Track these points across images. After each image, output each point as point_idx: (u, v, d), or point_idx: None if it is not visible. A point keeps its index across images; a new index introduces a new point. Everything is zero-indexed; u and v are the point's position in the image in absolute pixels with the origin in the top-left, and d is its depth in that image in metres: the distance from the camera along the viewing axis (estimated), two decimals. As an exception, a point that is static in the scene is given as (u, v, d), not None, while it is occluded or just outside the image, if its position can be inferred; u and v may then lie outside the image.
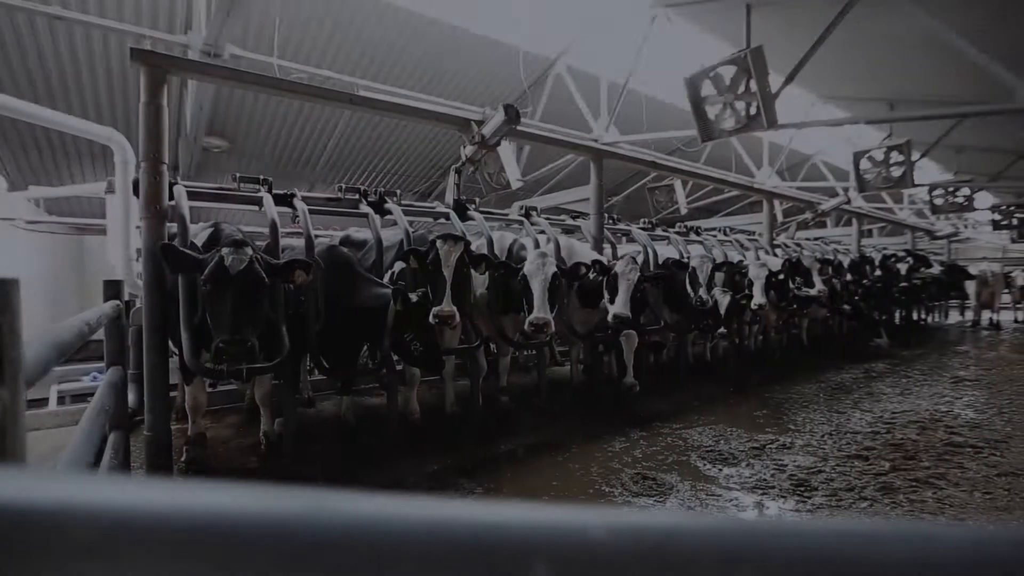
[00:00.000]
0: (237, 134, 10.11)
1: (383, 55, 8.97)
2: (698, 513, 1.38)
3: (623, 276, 4.94)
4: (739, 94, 7.25)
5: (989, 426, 5.09)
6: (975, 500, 3.56)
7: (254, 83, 3.64)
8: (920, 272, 10.40)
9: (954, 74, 8.83)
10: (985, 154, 13.61)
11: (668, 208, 13.56)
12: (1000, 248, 20.64)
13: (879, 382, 6.96)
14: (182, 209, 3.40)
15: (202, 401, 3.70)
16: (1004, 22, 6.74)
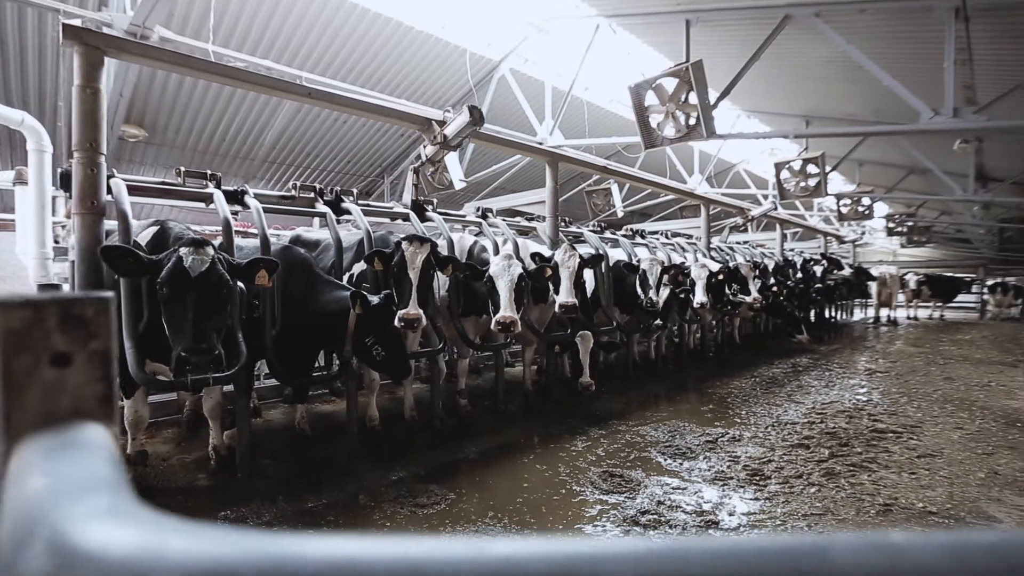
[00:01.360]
0: (157, 123, 9.31)
1: (324, 47, 8.60)
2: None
3: (563, 265, 5.04)
4: (680, 105, 7.60)
5: (903, 413, 5.66)
6: (904, 480, 3.94)
7: (206, 71, 3.35)
8: (833, 274, 11.40)
9: (866, 96, 9.77)
10: (883, 168, 15.18)
11: (605, 211, 13.99)
12: (891, 252, 23.05)
13: (806, 376, 7.55)
14: (123, 205, 3.07)
15: (144, 415, 3.36)
16: (915, 53, 7.53)
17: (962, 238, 22.23)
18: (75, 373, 0.52)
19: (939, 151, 11.30)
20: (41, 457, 0.43)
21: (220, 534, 0.33)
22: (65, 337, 0.52)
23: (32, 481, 0.36)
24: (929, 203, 17.66)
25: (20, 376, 0.50)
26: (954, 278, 17.81)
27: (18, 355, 0.50)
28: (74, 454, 0.43)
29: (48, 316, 0.51)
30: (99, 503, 0.35)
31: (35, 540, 0.30)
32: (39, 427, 0.50)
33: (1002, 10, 6.28)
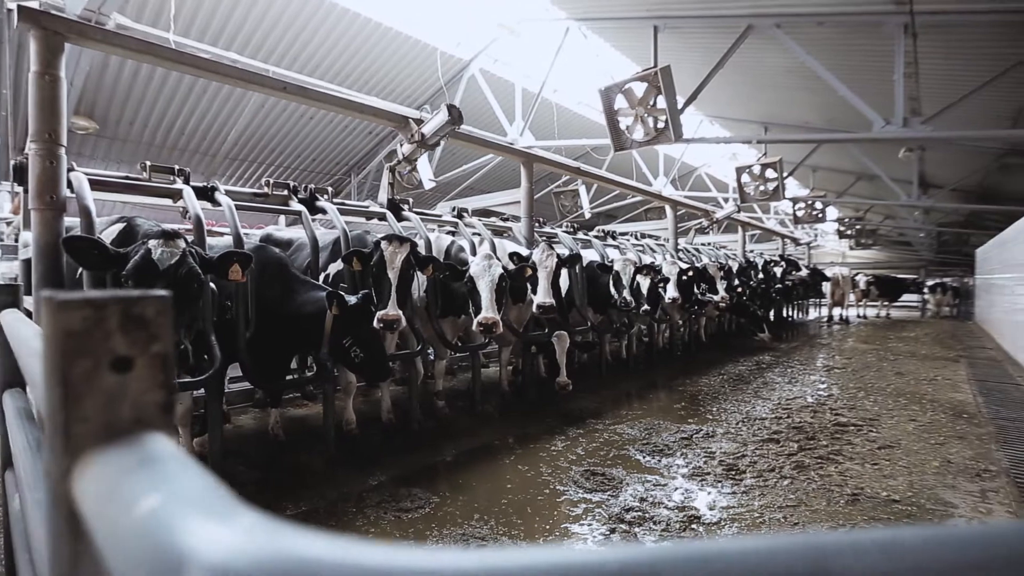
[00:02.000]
0: (109, 116, 8.85)
1: (290, 41, 8.36)
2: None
3: (541, 264, 5.07)
4: (649, 108, 7.74)
5: (862, 407, 5.94)
6: (867, 471, 4.13)
7: (175, 61, 3.18)
8: (792, 275, 11.86)
9: (821, 104, 10.21)
10: (834, 174, 15.91)
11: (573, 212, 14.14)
12: (841, 254, 24.20)
13: (769, 372, 7.82)
14: (85, 200, 2.88)
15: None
16: (868, 65, 7.91)
17: (904, 241, 23.57)
18: (136, 379, 0.48)
19: (886, 159, 11.94)
20: (125, 474, 0.39)
21: (366, 547, 0.31)
22: (126, 339, 0.47)
23: (144, 502, 0.32)
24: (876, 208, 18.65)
25: (79, 383, 0.46)
26: (900, 279, 18.85)
27: (77, 359, 0.46)
28: (163, 469, 0.39)
29: (109, 316, 0.47)
30: (232, 519, 0.31)
31: (186, 565, 0.26)
32: (102, 440, 0.46)
33: (946, 28, 6.68)
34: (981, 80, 6.74)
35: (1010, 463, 4.37)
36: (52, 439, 0.46)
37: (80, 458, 0.45)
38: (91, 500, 0.39)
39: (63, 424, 0.45)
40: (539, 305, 5.19)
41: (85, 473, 0.43)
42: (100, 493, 0.38)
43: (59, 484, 0.45)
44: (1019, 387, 7.13)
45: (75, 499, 0.44)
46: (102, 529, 0.34)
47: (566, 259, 5.51)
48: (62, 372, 0.45)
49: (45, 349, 0.46)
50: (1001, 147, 10.60)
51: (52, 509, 0.46)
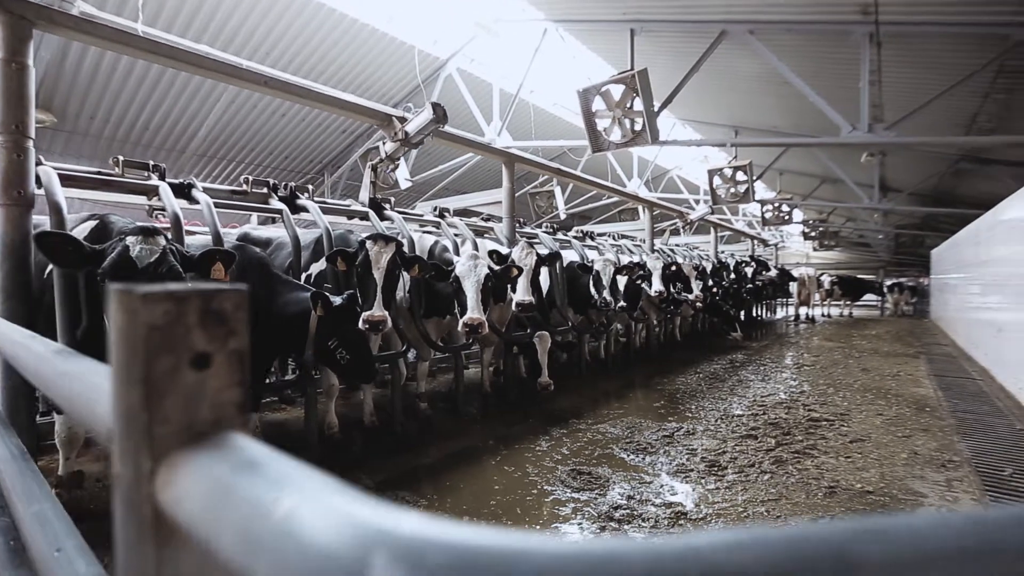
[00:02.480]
0: (68, 108, 8.45)
1: (263, 35, 8.15)
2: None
3: (520, 263, 5.08)
4: (626, 111, 7.85)
5: (832, 402, 6.15)
6: (842, 464, 4.27)
7: (151, 52, 3.05)
8: (762, 275, 12.20)
9: (788, 109, 10.54)
10: (800, 177, 16.45)
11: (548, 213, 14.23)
12: (805, 255, 25.02)
13: (743, 370, 8.02)
14: (55, 196, 2.74)
15: (80, 433, 3.00)
16: (835, 72, 8.20)
17: (864, 243, 24.54)
18: (214, 376, 0.46)
19: (849, 163, 12.39)
20: (235, 477, 0.37)
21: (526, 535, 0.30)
22: (205, 335, 0.45)
23: (281, 505, 0.30)
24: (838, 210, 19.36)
25: (161, 381, 0.43)
26: (862, 279, 19.61)
27: (159, 356, 0.43)
28: (275, 470, 0.37)
29: (189, 311, 0.44)
30: (385, 512, 0.30)
31: (373, 558, 0.25)
32: (185, 442, 0.43)
33: (908, 39, 6.98)
34: (940, 89, 7.06)
35: (971, 453, 4.59)
36: (129, 441, 0.43)
37: (165, 461, 0.42)
38: (194, 505, 0.37)
39: (145, 425, 0.42)
40: (518, 303, 5.19)
41: (177, 477, 0.40)
42: (207, 498, 0.36)
43: (141, 488, 0.42)
44: (974, 381, 7.50)
45: (162, 503, 0.41)
46: (225, 534, 0.32)
47: (546, 258, 5.53)
48: (144, 370, 0.42)
49: (121, 345, 0.44)
50: (956, 153, 11.15)
51: (129, 515, 0.43)
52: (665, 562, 0.24)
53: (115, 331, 0.45)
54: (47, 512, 1.07)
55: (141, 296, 0.42)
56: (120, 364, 0.44)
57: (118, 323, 0.44)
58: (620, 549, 0.25)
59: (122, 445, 0.44)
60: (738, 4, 7.28)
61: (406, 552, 0.25)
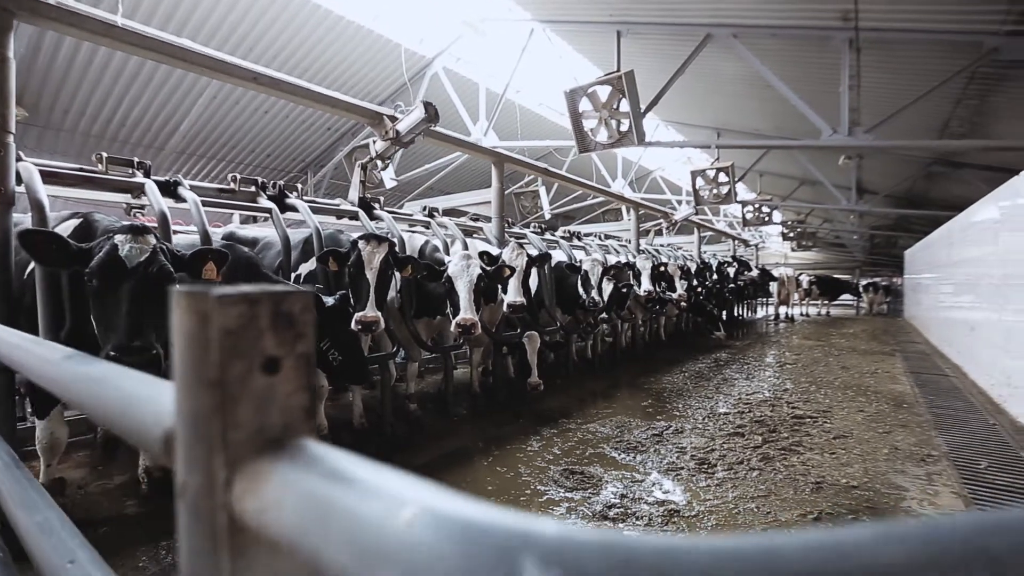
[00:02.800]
0: (40, 103, 8.20)
1: (247, 30, 8.01)
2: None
3: (511, 262, 5.08)
4: (613, 112, 7.90)
5: (814, 400, 6.28)
6: (827, 460, 4.37)
7: (138, 46, 2.96)
8: (743, 275, 12.40)
9: (769, 112, 10.73)
10: (779, 179, 16.77)
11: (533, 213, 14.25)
12: (783, 255, 25.50)
13: (727, 369, 8.14)
14: (37, 193, 2.65)
15: (62, 438, 2.91)
16: (816, 76, 8.37)
17: (840, 243, 25.12)
18: (283, 380, 0.45)
19: (828, 165, 12.67)
20: (328, 487, 0.36)
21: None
22: (276, 338, 0.44)
23: (401, 514, 0.30)
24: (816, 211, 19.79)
25: (235, 386, 0.42)
26: (839, 279, 20.07)
27: (233, 360, 0.42)
28: (368, 479, 0.36)
29: (261, 313, 0.43)
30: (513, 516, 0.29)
31: (521, 563, 0.24)
32: (258, 449, 0.42)
33: (887, 45, 7.17)
34: (916, 94, 7.26)
35: (949, 448, 4.73)
36: (198, 449, 0.42)
37: (242, 469, 0.41)
38: (288, 516, 0.35)
39: (218, 432, 0.41)
40: (510, 304, 5.19)
41: (261, 486, 0.39)
42: (305, 509, 0.35)
43: (215, 497, 0.41)
44: (948, 378, 7.73)
45: (241, 513, 0.40)
46: (335, 547, 0.31)
47: (536, 258, 5.54)
48: (218, 375, 0.41)
49: (189, 350, 0.42)
50: (929, 157, 11.48)
51: (199, 524, 0.42)
52: (817, 556, 0.24)
53: (182, 335, 0.43)
54: (52, 522, 1.04)
55: (217, 299, 0.41)
56: (189, 369, 0.43)
57: (186, 327, 0.43)
58: (775, 545, 0.25)
59: (189, 453, 0.43)
60: (723, 8, 7.39)
61: (558, 556, 0.24)
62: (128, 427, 0.59)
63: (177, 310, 0.43)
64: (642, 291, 7.05)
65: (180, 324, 0.43)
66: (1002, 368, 6.01)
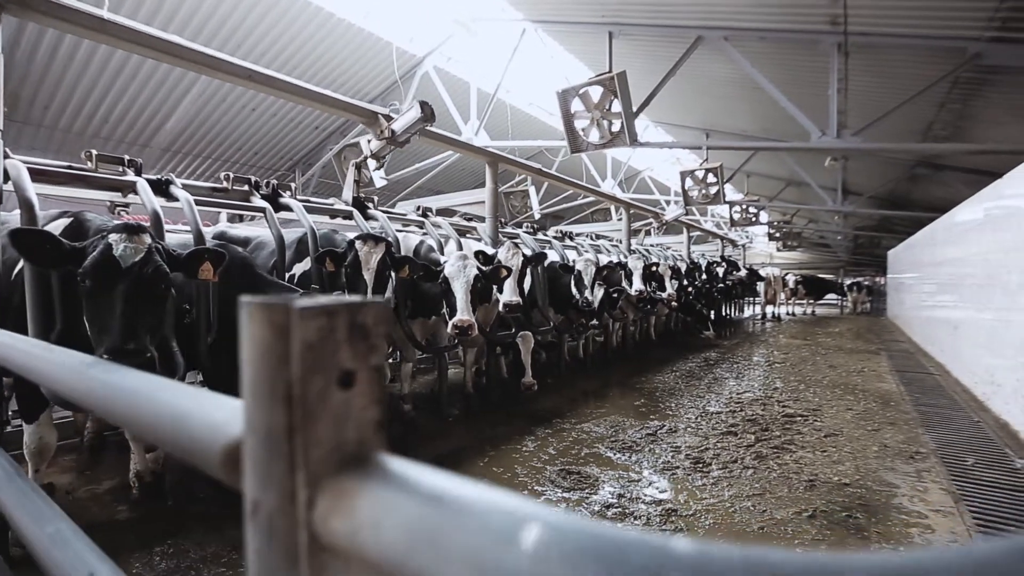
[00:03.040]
0: (20, 97, 7.98)
1: (235, 26, 7.89)
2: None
3: (506, 262, 5.08)
4: (605, 112, 7.93)
5: (804, 398, 6.36)
6: (819, 458, 4.43)
7: (132, 41, 2.89)
8: (732, 275, 12.53)
9: (757, 114, 10.85)
10: (767, 180, 16.97)
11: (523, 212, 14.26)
12: (769, 255, 25.82)
13: (718, 368, 8.22)
14: (27, 191, 2.58)
15: (51, 443, 2.83)
16: (804, 79, 8.47)
17: (824, 243, 25.50)
18: (358, 394, 0.44)
19: (814, 167, 12.85)
20: (428, 509, 0.34)
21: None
22: (351, 351, 0.43)
23: (524, 534, 0.29)
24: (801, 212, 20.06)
25: (314, 401, 0.41)
26: (824, 279, 20.38)
27: (313, 375, 0.41)
28: (472, 497, 0.35)
29: (338, 326, 0.42)
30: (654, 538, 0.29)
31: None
32: (337, 466, 0.41)
33: (874, 49, 7.29)
34: (902, 98, 7.39)
35: (936, 445, 4.83)
36: (275, 466, 0.41)
37: (324, 487, 0.40)
38: (388, 537, 0.34)
39: (301, 449, 0.40)
40: (506, 304, 5.19)
41: (346, 504, 0.38)
42: (409, 529, 0.34)
43: (294, 516, 0.40)
44: (932, 376, 7.89)
45: (325, 533, 0.39)
46: (451, 568, 0.30)
47: (531, 258, 5.54)
48: (299, 390, 0.40)
49: (264, 364, 0.41)
50: (912, 159, 11.69)
51: (274, 544, 0.41)
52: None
53: (256, 348, 0.42)
54: (65, 533, 1.01)
55: (299, 311, 0.40)
56: (264, 384, 0.41)
57: (262, 340, 0.41)
58: (843, 563, 0.25)
59: (264, 471, 0.42)
60: (714, 11, 7.45)
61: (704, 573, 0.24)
62: (176, 441, 0.57)
63: (251, 322, 0.42)
64: (633, 291, 7.10)
65: (254, 337, 0.42)
66: (985, 366, 6.15)
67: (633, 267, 7.30)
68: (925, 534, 3.18)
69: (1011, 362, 5.31)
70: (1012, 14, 6.00)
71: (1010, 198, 5.67)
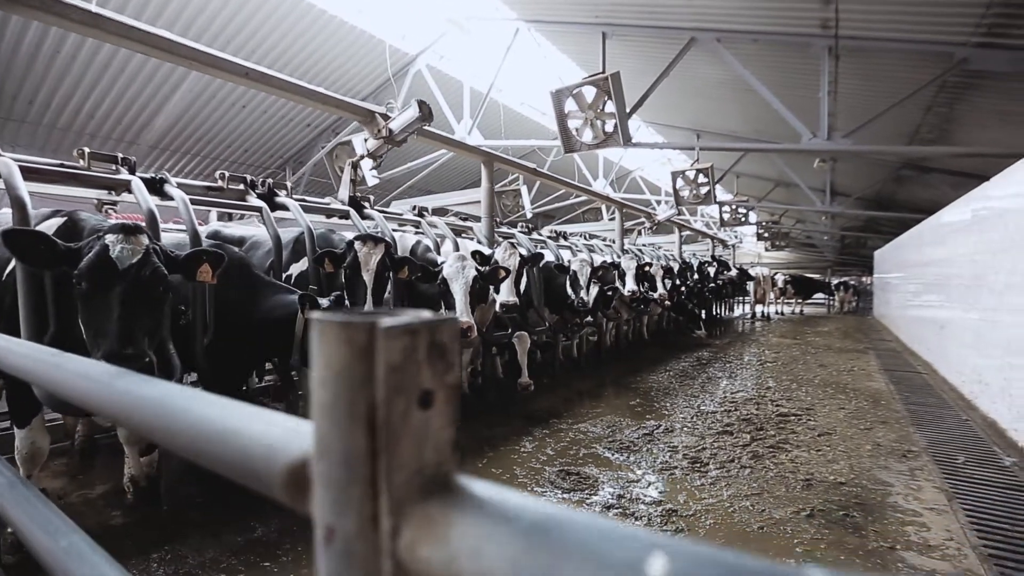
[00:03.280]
0: (3, 93, 7.80)
1: (225, 21, 7.77)
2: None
3: (503, 263, 5.06)
4: (599, 113, 7.94)
5: (797, 398, 6.43)
6: (814, 457, 4.47)
7: (124, 36, 2.83)
8: (723, 275, 12.63)
9: (748, 115, 10.93)
10: (756, 180, 17.13)
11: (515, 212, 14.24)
12: (757, 255, 26.07)
13: (711, 368, 8.28)
14: (18, 190, 2.51)
15: (43, 448, 2.76)
16: (795, 82, 8.55)
17: (811, 243, 25.81)
18: (436, 414, 0.42)
19: (803, 168, 12.99)
20: (526, 539, 0.33)
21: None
22: (431, 370, 0.42)
23: (653, 562, 0.28)
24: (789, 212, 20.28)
25: (397, 424, 0.39)
26: (812, 278, 20.62)
27: (397, 397, 0.39)
28: (569, 524, 0.34)
29: (419, 345, 0.41)
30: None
31: None
32: (420, 491, 0.40)
33: (865, 53, 7.37)
34: (891, 101, 7.48)
35: (927, 443, 4.90)
36: (357, 492, 0.39)
37: (409, 513, 0.38)
38: (487, 567, 0.33)
39: (384, 474, 0.38)
40: (503, 304, 5.18)
41: (437, 532, 0.36)
42: (508, 559, 0.32)
43: (377, 544, 0.38)
44: (920, 375, 8.02)
45: (412, 561, 0.37)
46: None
47: (528, 258, 5.53)
48: (383, 413, 0.38)
49: (344, 385, 0.39)
50: (898, 161, 11.87)
51: (357, 574, 0.39)
52: None
53: (332, 368, 0.40)
54: (80, 546, 0.98)
55: (384, 331, 0.38)
56: (342, 406, 0.39)
57: (340, 360, 0.39)
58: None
59: (341, 497, 0.40)
60: (707, 13, 7.49)
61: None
62: (226, 461, 0.55)
63: (326, 341, 0.40)
64: (627, 291, 7.13)
65: (330, 357, 0.40)
66: (973, 366, 6.26)
67: (626, 267, 7.33)
68: (921, 532, 3.23)
69: (998, 362, 5.41)
70: (998, 20, 6.11)
71: (997, 199, 5.77)
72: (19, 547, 2.55)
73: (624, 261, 7.33)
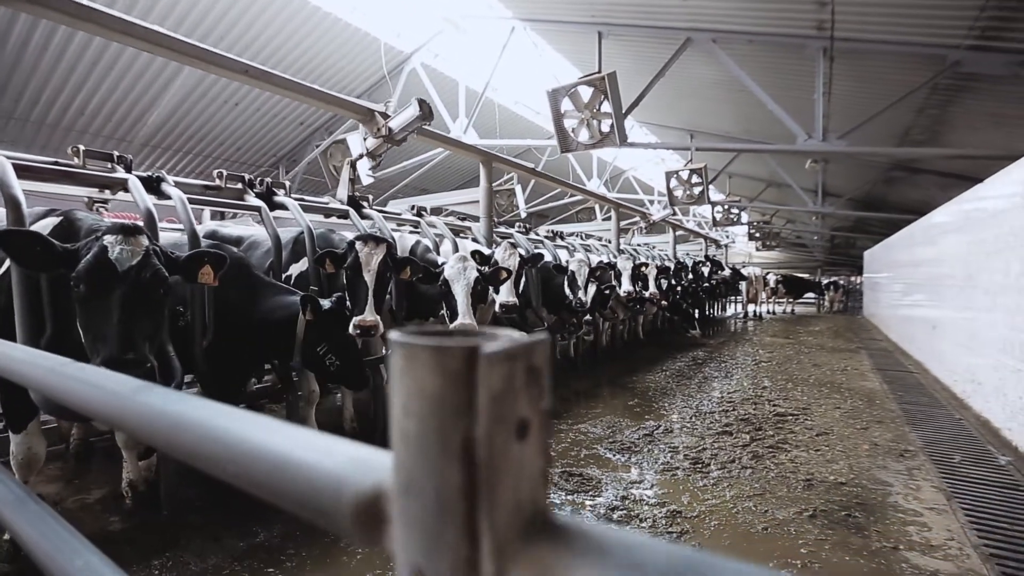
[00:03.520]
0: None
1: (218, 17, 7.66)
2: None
3: (503, 263, 5.03)
4: (595, 112, 7.92)
5: (793, 397, 6.46)
6: (813, 456, 4.49)
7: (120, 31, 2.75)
8: (717, 275, 12.69)
9: (741, 116, 10.98)
10: (748, 181, 17.23)
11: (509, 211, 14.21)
12: (748, 255, 26.25)
13: (706, 368, 8.31)
14: (12, 189, 2.44)
15: (40, 454, 2.69)
16: (791, 83, 8.59)
17: (801, 243, 26.04)
18: (531, 444, 0.39)
19: (795, 168, 13.08)
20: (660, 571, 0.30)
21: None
22: (527, 398, 0.39)
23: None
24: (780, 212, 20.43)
25: (497, 458, 0.36)
26: (803, 278, 20.80)
27: (497, 428, 0.36)
28: (682, 558, 0.31)
29: (518, 371, 0.38)
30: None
31: None
32: (520, 529, 0.37)
33: (859, 55, 7.42)
34: (884, 103, 7.55)
35: (923, 443, 4.94)
36: (452, 534, 0.36)
37: (511, 556, 0.35)
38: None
39: (487, 512, 0.35)
40: (502, 304, 5.14)
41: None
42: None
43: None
44: (912, 374, 8.10)
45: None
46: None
47: (528, 259, 5.51)
48: (487, 449, 0.35)
49: (439, 415, 0.36)
50: (889, 162, 11.98)
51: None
52: None
53: (419, 397, 0.37)
54: (96, 566, 0.93)
55: (486, 358, 0.35)
56: (433, 439, 0.36)
57: (430, 388, 0.36)
58: None
59: (430, 536, 0.37)
60: (704, 13, 7.50)
61: None
62: (285, 492, 0.51)
63: (413, 367, 0.37)
64: (623, 291, 7.14)
65: (418, 384, 0.37)
66: (966, 365, 6.32)
67: (622, 267, 7.35)
68: (923, 532, 3.24)
69: (991, 361, 5.47)
70: (991, 23, 6.17)
71: (990, 200, 5.83)
72: (15, 554, 2.48)
73: (620, 261, 7.34)
